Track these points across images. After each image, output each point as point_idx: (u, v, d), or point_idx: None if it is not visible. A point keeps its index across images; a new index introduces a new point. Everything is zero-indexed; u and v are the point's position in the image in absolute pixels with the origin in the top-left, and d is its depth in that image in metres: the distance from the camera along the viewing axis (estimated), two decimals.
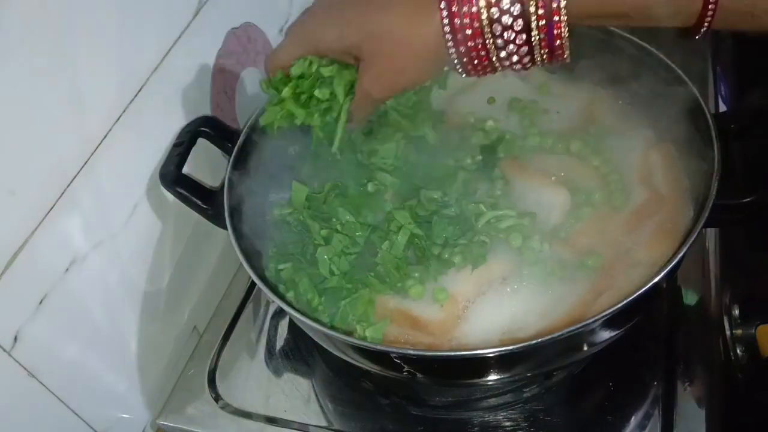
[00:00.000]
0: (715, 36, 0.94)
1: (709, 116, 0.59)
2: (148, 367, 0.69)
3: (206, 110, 0.72)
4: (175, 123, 0.68)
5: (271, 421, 0.66)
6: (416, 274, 0.59)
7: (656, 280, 0.51)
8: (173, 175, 0.63)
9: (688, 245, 0.52)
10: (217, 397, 0.69)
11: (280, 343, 0.73)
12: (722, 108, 0.86)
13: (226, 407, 0.68)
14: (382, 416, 0.66)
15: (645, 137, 0.68)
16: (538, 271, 0.59)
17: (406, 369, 0.55)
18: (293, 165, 0.69)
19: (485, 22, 0.47)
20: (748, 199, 0.56)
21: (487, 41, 0.48)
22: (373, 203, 0.63)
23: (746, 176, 0.62)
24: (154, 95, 0.63)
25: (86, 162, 0.57)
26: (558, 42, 0.47)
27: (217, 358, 0.72)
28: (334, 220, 0.62)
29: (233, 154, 0.66)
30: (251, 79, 0.80)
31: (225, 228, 0.61)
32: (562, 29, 0.47)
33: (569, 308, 0.57)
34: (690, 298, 0.68)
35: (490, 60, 0.49)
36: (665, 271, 0.51)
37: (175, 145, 0.66)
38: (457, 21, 0.47)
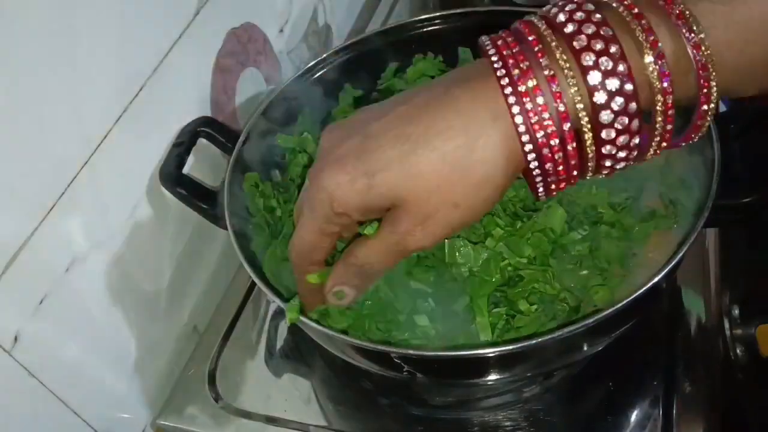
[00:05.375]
0: None
1: None
2: (148, 367, 0.69)
3: (206, 110, 0.72)
4: (175, 123, 0.68)
5: (271, 421, 0.66)
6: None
7: (656, 280, 0.51)
8: (173, 175, 0.63)
9: (688, 245, 0.52)
10: (217, 397, 0.69)
11: (280, 343, 0.73)
12: (722, 108, 0.86)
13: (226, 407, 0.68)
14: (382, 416, 0.66)
15: None
16: None
17: (406, 369, 0.55)
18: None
19: (583, 115, 0.35)
20: (748, 199, 0.56)
21: (585, 140, 0.36)
22: None
23: (746, 176, 0.62)
24: (154, 95, 0.63)
25: (86, 162, 0.57)
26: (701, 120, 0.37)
27: (217, 358, 0.72)
28: None
29: (233, 154, 0.66)
30: (251, 79, 0.80)
31: (225, 228, 0.61)
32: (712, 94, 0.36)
33: None
34: (690, 298, 0.68)
35: (583, 167, 0.38)
36: (665, 271, 0.51)
37: (175, 145, 0.66)
38: (538, 131, 0.36)
